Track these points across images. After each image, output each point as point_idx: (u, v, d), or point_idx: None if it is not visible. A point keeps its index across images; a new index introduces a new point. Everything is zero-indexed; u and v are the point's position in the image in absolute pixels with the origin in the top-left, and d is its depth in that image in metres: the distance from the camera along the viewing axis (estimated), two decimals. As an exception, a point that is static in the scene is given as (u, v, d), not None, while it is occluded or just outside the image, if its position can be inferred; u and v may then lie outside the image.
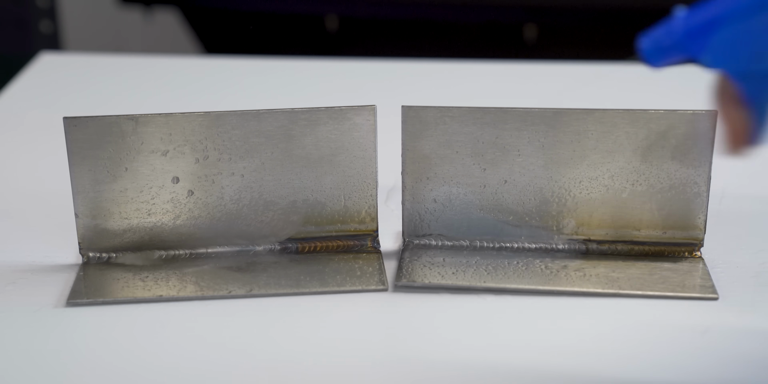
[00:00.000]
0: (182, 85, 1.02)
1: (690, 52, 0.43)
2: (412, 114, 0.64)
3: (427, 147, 0.65)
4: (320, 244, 0.67)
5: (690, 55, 0.43)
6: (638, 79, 1.03)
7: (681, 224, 0.65)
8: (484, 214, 0.66)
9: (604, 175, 0.65)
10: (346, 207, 0.66)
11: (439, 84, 1.02)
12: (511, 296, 0.62)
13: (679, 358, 0.56)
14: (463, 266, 0.64)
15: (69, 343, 0.58)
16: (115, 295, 0.62)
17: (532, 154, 0.65)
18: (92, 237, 0.65)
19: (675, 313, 0.60)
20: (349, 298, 0.62)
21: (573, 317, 0.60)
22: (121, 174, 0.64)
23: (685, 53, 0.43)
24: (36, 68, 1.06)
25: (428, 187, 0.66)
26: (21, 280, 0.64)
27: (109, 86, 1.03)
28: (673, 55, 0.44)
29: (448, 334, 0.59)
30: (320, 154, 0.65)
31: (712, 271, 0.64)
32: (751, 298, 0.62)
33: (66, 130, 0.63)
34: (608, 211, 0.65)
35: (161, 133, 0.64)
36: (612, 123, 0.64)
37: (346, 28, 1.87)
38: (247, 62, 1.09)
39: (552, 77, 1.04)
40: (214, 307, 0.61)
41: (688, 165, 0.64)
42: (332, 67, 1.08)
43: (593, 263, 0.65)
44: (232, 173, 0.65)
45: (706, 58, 0.43)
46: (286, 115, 0.64)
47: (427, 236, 0.67)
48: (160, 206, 0.65)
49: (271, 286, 0.63)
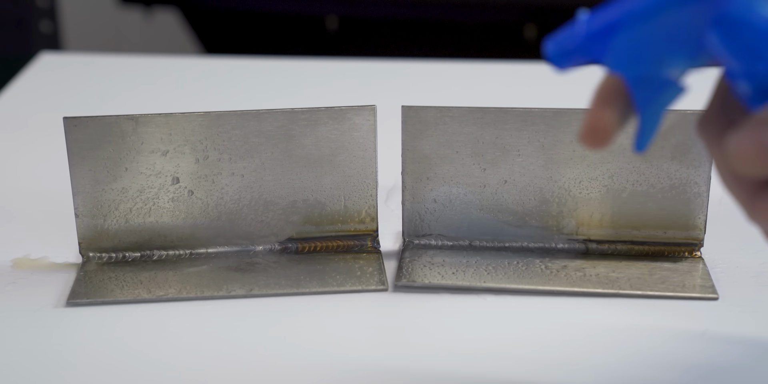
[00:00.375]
0: (182, 85, 1.02)
1: (593, 55, 0.43)
2: (412, 114, 0.64)
3: (427, 147, 0.65)
4: (320, 244, 0.67)
5: (593, 58, 0.43)
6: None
7: (681, 224, 0.65)
8: (484, 214, 0.66)
9: (604, 175, 0.65)
10: (346, 207, 0.66)
11: (439, 84, 1.02)
12: (511, 296, 0.62)
13: (679, 358, 0.56)
14: (463, 266, 0.64)
15: (69, 343, 0.58)
16: (115, 295, 0.62)
17: (532, 154, 0.65)
18: (92, 237, 0.65)
19: (675, 313, 0.60)
20: (349, 298, 0.62)
21: (573, 317, 0.60)
22: (121, 174, 0.64)
23: (588, 56, 0.43)
24: (36, 68, 1.06)
25: (428, 187, 0.66)
26: (21, 280, 0.64)
27: (109, 86, 1.03)
28: (577, 58, 0.44)
29: (448, 334, 0.59)
30: (320, 154, 0.65)
31: (712, 271, 0.64)
32: (751, 298, 0.62)
33: (66, 130, 0.63)
34: (608, 211, 0.65)
35: (161, 133, 0.64)
36: (612, 123, 0.63)
37: (346, 28, 1.87)
38: (247, 62, 1.09)
39: (552, 77, 1.04)
40: (214, 307, 0.61)
41: (688, 165, 0.64)
42: (332, 67, 1.08)
43: (593, 263, 0.65)
44: (232, 173, 0.65)
45: (607, 61, 0.43)
46: (286, 115, 0.64)
47: (427, 236, 0.67)
48: (160, 206, 0.65)
49: (271, 286, 0.63)
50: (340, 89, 1.00)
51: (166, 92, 1.00)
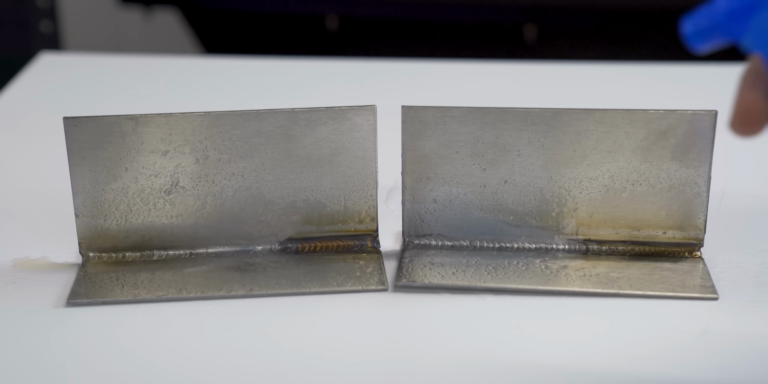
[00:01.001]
0: (182, 85, 1.02)
1: (731, 34, 0.42)
2: (412, 114, 0.64)
3: (427, 147, 0.65)
4: (320, 244, 0.67)
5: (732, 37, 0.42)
6: (638, 79, 1.03)
7: (681, 224, 0.65)
8: (484, 214, 0.66)
9: (604, 175, 0.65)
10: (346, 207, 0.66)
11: (439, 84, 1.02)
12: (511, 296, 0.62)
13: (679, 358, 0.56)
14: (463, 266, 0.64)
15: (69, 343, 0.58)
16: (115, 295, 0.62)
17: (532, 154, 0.65)
18: (92, 237, 0.65)
19: (675, 313, 0.60)
20: (349, 298, 0.62)
21: (573, 317, 0.60)
22: (121, 174, 0.64)
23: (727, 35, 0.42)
24: (36, 68, 1.06)
25: (428, 187, 0.66)
26: (21, 280, 0.64)
27: (109, 86, 1.03)
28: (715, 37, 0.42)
29: (448, 334, 0.59)
30: (320, 154, 0.65)
31: (712, 271, 0.64)
32: (751, 298, 0.62)
33: (66, 130, 0.63)
34: (608, 211, 0.65)
35: (161, 133, 0.64)
36: (612, 123, 0.64)
37: (346, 28, 1.87)
38: (247, 62, 1.09)
39: (552, 77, 1.04)
40: (214, 307, 0.61)
41: (688, 165, 0.64)
42: (332, 67, 1.08)
43: (593, 263, 0.65)
44: (232, 173, 0.65)
45: (747, 40, 0.41)
46: (286, 115, 0.64)
47: (427, 236, 0.67)
48: (160, 206, 0.65)
49: (271, 286, 0.63)
50: (340, 89, 1.00)
51: (166, 92, 1.00)
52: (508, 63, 1.10)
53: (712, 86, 0.99)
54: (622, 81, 1.03)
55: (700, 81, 1.02)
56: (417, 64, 1.08)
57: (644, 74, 1.05)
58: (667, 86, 1.01)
